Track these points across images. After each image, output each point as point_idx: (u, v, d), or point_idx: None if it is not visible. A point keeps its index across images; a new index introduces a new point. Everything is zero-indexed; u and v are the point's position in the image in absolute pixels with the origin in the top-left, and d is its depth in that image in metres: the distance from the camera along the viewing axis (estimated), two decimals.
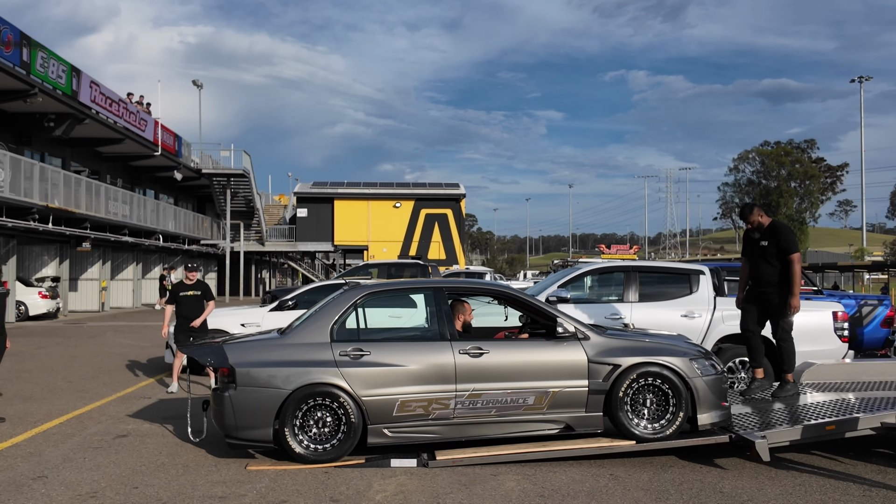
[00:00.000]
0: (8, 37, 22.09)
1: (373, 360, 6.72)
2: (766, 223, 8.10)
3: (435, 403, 6.70)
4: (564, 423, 6.86)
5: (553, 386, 6.79)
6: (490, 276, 32.73)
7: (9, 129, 27.60)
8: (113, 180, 36.16)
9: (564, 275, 10.58)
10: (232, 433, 6.64)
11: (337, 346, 6.77)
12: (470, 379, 6.75)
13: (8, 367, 13.49)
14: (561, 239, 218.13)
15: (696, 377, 6.84)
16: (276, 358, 6.70)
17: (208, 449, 7.25)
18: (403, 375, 6.70)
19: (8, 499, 5.70)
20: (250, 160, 46.62)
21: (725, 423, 6.98)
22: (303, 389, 6.57)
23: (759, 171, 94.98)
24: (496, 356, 6.83)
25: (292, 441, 6.56)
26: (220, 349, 6.79)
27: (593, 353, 6.87)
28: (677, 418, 6.80)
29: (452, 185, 57.58)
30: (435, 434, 6.77)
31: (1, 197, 22.40)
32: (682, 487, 6.04)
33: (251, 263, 55.24)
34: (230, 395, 6.58)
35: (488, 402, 6.75)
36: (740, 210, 8.37)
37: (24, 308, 26.32)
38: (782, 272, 7.89)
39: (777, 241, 7.90)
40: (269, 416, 6.54)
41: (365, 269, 22.73)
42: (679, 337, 7.62)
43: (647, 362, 6.84)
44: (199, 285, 11.27)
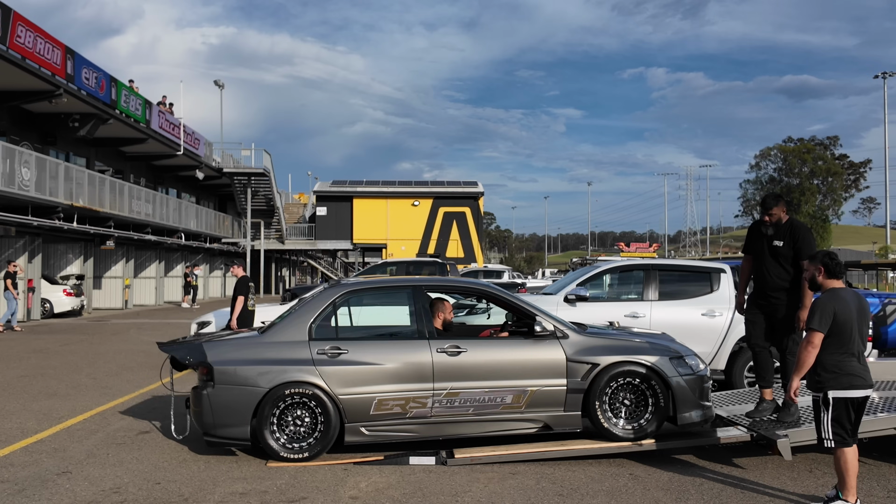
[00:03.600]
0: (102, 82, 28.00)
1: (350, 359, 6.73)
2: (784, 220, 7.18)
3: (412, 402, 6.70)
4: (543, 423, 6.83)
5: (531, 385, 6.77)
6: (508, 274, 32.71)
7: (35, 129, 27.98)
8: (136, 179, 36.54)
9: (583, 273, 10.56)
10: (210, 431, 6.69)
11: (315, 345, 6.79)
12: (447, 378, 6.74)
13: (33, 364, 13.70)
14: (579, 237, 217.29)
15: (676, 376, 6.78)
16: (254, 356, 6.74)
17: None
18: (381, 374, 6.70)
19: (33, 493, 5.79)
20: (271, 159, 46.97)
21: (707, 422, 6.94)
22: (280, 388, 6.59)
23: (780, 169, 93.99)
24: (474, 355, 6.81)
25: (269, 439, 6.58)
26: (199, 347, 6.84)
27: (572, 351, 6.84)
28: (656, 418, 6.75)
29: (471, 183, 57.57)
30: (412, 433, 6.77)
31: (27, 196, 22.70)
32: (702, 488, 6.01)
33: (271, 261, 55.63)
34: (208, 393, 6.63)
35: (466, 400, 6.74)
36: (762, 200, 7.29)
37: (49, 305, 26.68)
38: (794, 278, 6.99)
39: (794, 242, 7.00)
40: (247, 414, 6.58)
41: (383, 267, 22.79)
42: (663, 336, 7.54)
43: (625, 361, 6.79)
44: (238, 280, 12.27)
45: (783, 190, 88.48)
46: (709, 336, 9.52)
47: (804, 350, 5.31)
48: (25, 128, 27.45)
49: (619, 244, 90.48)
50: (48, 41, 23.89)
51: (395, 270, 21.39)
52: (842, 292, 5.40)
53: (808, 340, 5.30)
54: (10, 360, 14.29)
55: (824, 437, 5.31)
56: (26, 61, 22.78)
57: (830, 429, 5.28)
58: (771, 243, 7.11)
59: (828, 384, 5.29)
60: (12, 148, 22.34)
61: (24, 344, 17.56)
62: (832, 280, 5.49)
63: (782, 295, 7.04)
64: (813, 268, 5.56)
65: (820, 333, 5.26)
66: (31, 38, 22.66)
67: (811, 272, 5.58)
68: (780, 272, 7.06)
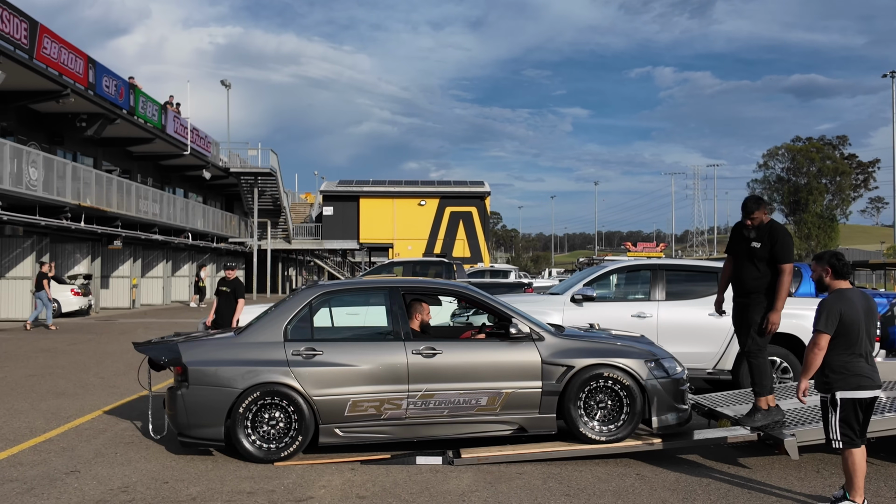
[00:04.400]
0: (122, 89, 29.12)
1: (325, 360, 6.74)
2: (765, 222, 6.97)
3: (387, 404, 6.70)
4: (518, 425, 6.83)
5: (506, 387, 6.76)
6: (514, 273, 32.69)
7: (42, 129, 28.09)
8: (143, 179, 36.66)
9: (590, 273, 10.54)
10: (184, 431, 6.71)
11: (290, 346, 6.80)
12: (422, 379, 6.74)
13: (41, 363, 13.76)
14: (586, 237, 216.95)
15: (651, 379, 6.77)
16: (229, 357, 6.76)
17: None
18: (355, 375, 6.71)
19: (42, 492, 5.82)
20: (277, 159, 47.03)
21: (683, 425, 6.93)
22: (254, 388, 6.61)
23: (788, 168, 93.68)
24: (449, 356, 6.81)
25: (243, 439, 6.60)
26: (174, 348, 6.86)
27: (547, 353, 6.83)
28: (631, 421, 6.74)
29: (477, 182, 57.58)
30: (387, 434, 6.77)
31: (35, 196, 22.80)
32: (709, 488, 6.00)
33: (278, 261, 55.72)
34: (182, 393, 6.66)
35: (441, 402, 6.74)
36: (744, 202, 7.04)
37: (56, 305, 26.77)
38: (770, 281, 6.81)
39: (772, 245, 6.81)
40: (221, 415, 6.59)
41: (389, 267, 22.82)
42: (641, 339, 7.52)
43: (600, 364, 6.78)
44: (231, 283, 12.05)
45: (791, 189, 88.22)
46: (716, 336, 9.49)
47: (811, 352, 5.30)
48: (33, 128, 27.56)
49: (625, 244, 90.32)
50: (71, 51, 25.03)
51: (401, 270, 21.42)
52: (849, 293, 5.39)
53: (815, 342, 5.28)
54: (18, 360, 14.36)
55: (832, 438, 5.30)
56: (49, 69, 23.61)
57: (838, 429, 5.26)
58: (749, 245, 6.95)
59: (836, 385, 5.28)
60: (20, 148, 22.44)
61: (32, 343, 17.64)
62: (839, 281, 5.47)
63: (756, 297, 6.87)
64: (820, 268, 5.54)
65: (826, 335, 5.25)
66: (55, 48, 23.89)
67: (818, 273, 5.56)
68: (755, 273, 6.88)
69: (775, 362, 9.42)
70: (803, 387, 5.42)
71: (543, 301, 10.33)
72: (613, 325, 9.61)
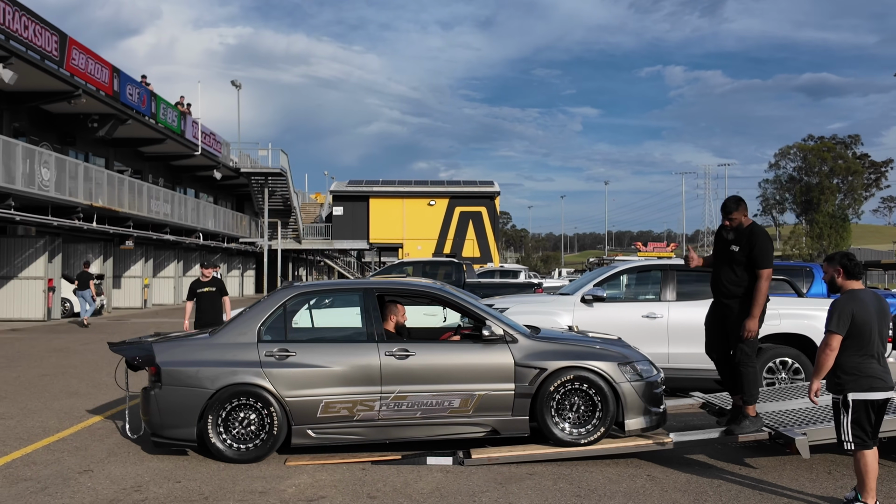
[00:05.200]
0: (144, 97, 30.40)
1: (298, 361, 6.76)
2: (746, 224, 6.76)
3: (360, 405, 6.71)
4: (491, 427, 6.83)
5: (479, 389, 6.76)
6: (524, 273, 32.67)
7: (54, 129, 28.28)
8: (155, 179, 36.86)
9: (600, 273, 10.54)
10: (158, 431, 6.74)
11: (263, 347, 6.82)
12: (395, 381, 6.75)
13: (54, 363, 13.86)
14: (596, 236, 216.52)
15: (624, 382, 6.76)
16: (202, 357, 6.79)
17: None
18: (328, 376, 6.73)
19: (55, 491, 5.87)
20: (287, 159, 47.19)
21: (656, 428, 6.93)
22: (227, 389, 6.64)
23: (800, 167, 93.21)
24: (422, 358, 6.82)
25: (216, 440, 6.62)
26: (148, 348, 6.90)
27: (520, 356, 6.83)
28: (604, 423, 6.73)
29: (487, 182, 57.56)
30: (360, 436, 6.78)
31: (47, 196, 22.96)
32: (720, 489, 5.99)
33: (288, 261, 55.91)
34: (155, 393, 6.69)
35: (413, 404, 6.75)
36: (723, 203, 6.85)
37: (69, 305, 26.96)
38: (748, 287, 6.61)
39: (750, 248, 6.58)
40: (194, 416, 6.62)
41: (399, 267, 22.85)
42: (617, 342, 7.50)
43: (573, 366, 6.78)
44: (215, 282, 11.74)
45: (802, 189, 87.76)
46: None
47: (822, 353, 5.28)
48: (45, 128, 27.76)
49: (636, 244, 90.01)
50: (98, 62, 26.42)
51: (412, 270, 21.44)
52: (860, 294, 5.36)
53: (826, 343, 5.26)
54: (31, 359, 14.47)
55: (844, 440, 5.28)
56: (74, 78, 24.45)
57: (850, 431, 5.24)
58: (728, 247, 6.77)
59: (847, 386, 5.26)
60: (32, 148, 22.61)
61: (45, 343, 17.77)
62: (851, 281, 5.45)
63: (734, 302, 6.70)
64: (832, 269, 5.51)
65: (838, 336, 5.23)
66: (83, 59, 25.30)
67: (830, 273, 5.54)
68: (733, 278, 6.70)
69: (787, 363, 9.39)
70: (815, 388, 5.40)
71: (553, 301, 10.33)
72: (624, 325, 9.61)
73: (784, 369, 9.38)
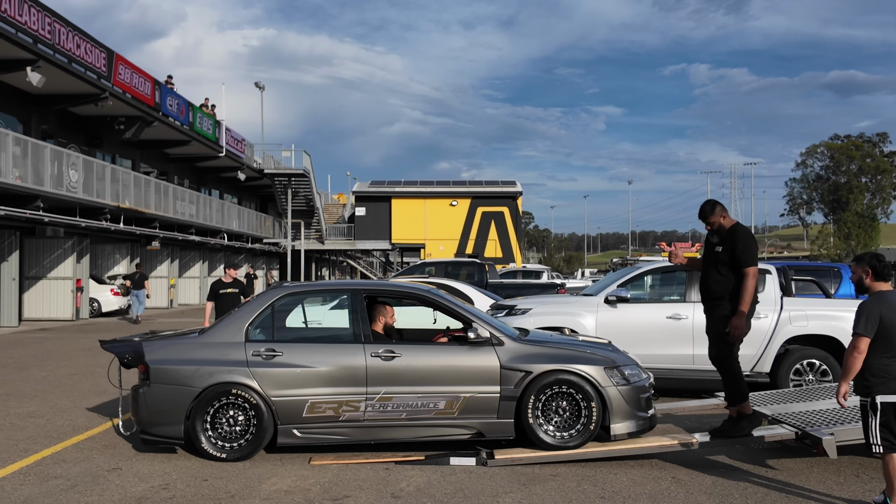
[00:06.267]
0: (182, 107, 32.20)
1: (284, 361, 6.80)
2: (727, 226, 6.78)
3: (345, 406, 6.74)
4: (476, 429, 6.82)
5: (464, 391, 6.76)
6: (547, 274, 32.58)
7: (81, 131, 28.69)
8: (180, 181, 37.25)
9: (624, 274, 10.48)
10: (146, 429, 6.82)
11: (250, 346, 6.88)
12: (381, 382, 6.76)
13: (83, 363, 14.07)
14: (620, 236, 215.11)
15: (610, 386, 6.72)
16: (190, 356, 6.86)
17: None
18: (314, 377, 6.76)
19: (85, 489, 5.97)
20: (310, 160, 47.47)
21: (644, 432, 6.89)
22: (214, 388, 6.70)
23: (827, 166, 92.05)
24: (408, 360, 6.83)
25: (202, 438, 6.68)
26: (138, 346, 6.97)
27: (506, 358, 6.81)
28: (589, 427, 6.70)
29: (509, 182, 57.46)
30: (345, 436, 6.80)
31: (75, 198, 23.29)
32: (746, 492, 5.94)
33: (311, 261, 56.23)
34: (144, 391, 6.77)
35: (399, 405, 6.76)
36: (700, 209, 6.91)
37: (97, 305, 27.35)
38: (735, 286, 6.58)
39: (733, 248, 6.58)
40: (181, 414, 6.69)
41: (422, 267, 22.90)
42: (606, 346, 7.46)
43: (558, 370, 6.74)
44: (237, 283, 11.80)
45: (830, 188, 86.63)
46: (753, 338, 9.35)
47: (850, 355, 5.22)
48: (72, 130, 28.17)
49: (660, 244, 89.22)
50: (141, 76, 28.21)
51: (434, 270, 21.48)
52: (889, 295, 5.29)
53: (854, 345, 5.20)
54: (60, 359, 14.70)
55: (872, 443, 5.21)
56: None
57: (878, 434, 5.17)
58: (713, 249, 6.80)
59: (876, 389, 5.19)
60: (60, 150, 22.97)
61: (74, 343, 18.03)
62: (880, 283, 5.37)
63: (720, 304, 6.68)
64: (860, 270, 5.44)
65: (866, 338, 5.16)
66: (128, 74, 27.17)
67: (858, 274, 5.47)
68: (718, 278, 6.69)
69: (814, 364, 9.29)
70: (843, 390, 5.34)
71: (577, 302, 10.30)
72: (648, 326, 9.56)
73: (811, 371, 9.28)
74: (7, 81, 23.14)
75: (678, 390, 9.74)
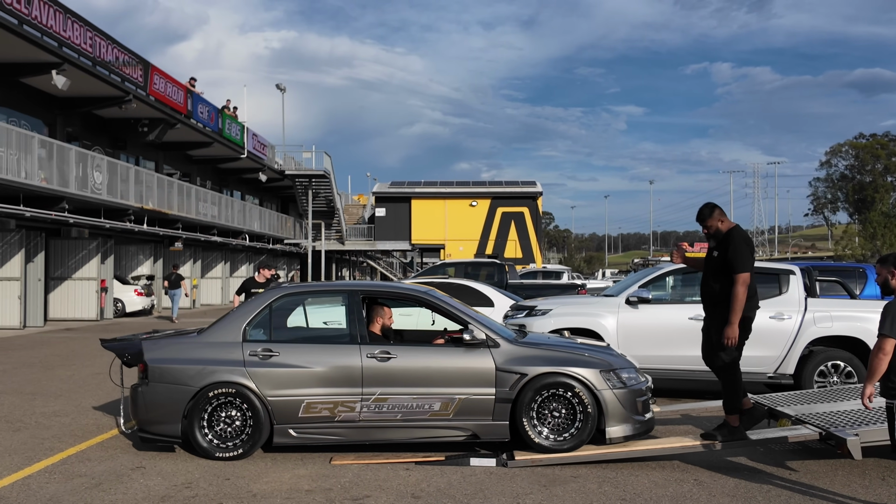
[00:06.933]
0: (212, 115, 33.60)
1: (281, 361, 6.84)
2: (724, 229, 6.60)
3: (341, 406, 6.76)
4: (471, 431, 6.80)
5: (460, 393, 6.76)
6: (567, 274, 32.47)
7: (105, 134, 29.05)
8: (202, 182, 37.59)
9: (646, 274, 10.42)
10: (144, 427, 6.90)
11: (248, 346, 6.92)
12: (376, 383, 6.78)
13: (106, 362, 14.19)
14: (641, 237, 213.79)
15: (606, 389, 6.68)
16: (188, 356, 6.92)
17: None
18: (310, 377, 6.79)
19: (109, 487, 6.03)
20: (331, 161, 47.66)
21: (641, 436, 6.83)
22: (210, 387, 6.75)
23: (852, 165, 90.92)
24: (404, 361, 6.84)
25: (199, 437, 6.73)
26: (137, 345, 7.04)
27: (502, 360, 6.80)
28: (584, 430, 6.66)
29: (529, 183, 57.32)
30: (340, 437, 6.82)
31: (99, 199, 23.58)
32: (769, 494, 5.88)
33: (332, 262, 56.46)
34: (142, 390, 6.85)
35: (394, 406, 6.77)
36: (698, 211, 6.77)
37: (121, 305, 27.65)
38: (728, 292, 6.41)
39: (725, 253, 6.44)
40: (178, 412, 6.75)
41: (442, 268, 22.91)
42: (605, 349, 7.40)
43: (553, 372, 6.72)
44: (268, 284, 11.86)
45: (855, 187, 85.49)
46: (777, 339, 9.29)
47: (875, 357, 5.15)
48: (97, 133, 28.52)
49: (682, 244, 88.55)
50: (174, 85, 29.59)
51: (454, 271, 21.48)
52: None
53: (880, 347, 5.13)
54: (85, 358, 14.88)
55: None
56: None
57: None
58: (711, 254, 6.68)
59: None
60: (85, 152, 23.26)
61: (98, 343, 18.21)
62: None
63: (715, 311, 6.57)
64: (885, 271, 5.37)
65: (892, 339, 5.08)
66: (162, 83, 28.52)
67: (883, 275, 5.39)
68: (713, 285, 6.58)
69: (839, 366, 9.18)
70: (868, 392, 5.26)
71: (597, 303, 10.25)
72: (670, 327, 9.49)
73: (836, 373, 9.17)
74: (33, 84, 23.49)
75: (700, 392, 9.66)
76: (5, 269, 21.38)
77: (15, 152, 19.45)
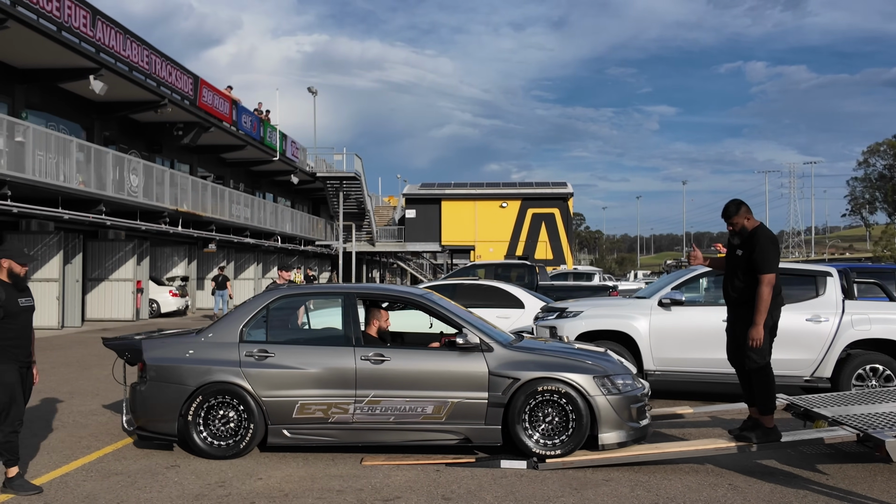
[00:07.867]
0: (254, 124, 34.93)
1: (276, 362, 6.89)
2: (750, 228, 6.41)
3: (334, 408, 6.79)
4: (463, 435, 6.78)
5: (452, 396, 6.74)
6: (599, 276, 32.24)
7: (141, 137, 29.54)
8: (235, 185, 38.04)
9: (679, 276, 10.30)
10: (142, 425, 7.00)
11: (244, 347, 6.99)
12: (370, 385, 6.79)
13: None
14: (674, 238, 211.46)
15: (599, 395, 6.61)
16: (186, 355, 7.00)
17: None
18: (304, 378, 6.83)
19: (144, 485, 6.12)
20: (361, 163, 47.90)
21: (637, 443, 6.74)
22: (207, 387, 6.83)
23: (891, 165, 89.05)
24: (397, 363, 6.85)
25: (195, 436, 6.81)
26: (137, 344, 7.13)
27: (495, 365, 6.77)
28: (576, 436, 6.60)
29: (559, 184, 57.02)
30: (333, 438, 6.85)
31: (136, 202, 23.98)
32: (805, 500, 5.77)
33: (362, 263, 56.73)
34: (141, 389, 6.94)
35: (387, 408, 6.77)
36: (724, 208, 6.57)
37: (156, 306, 28.09)
38: (752, 292, 6.26)
39: (751, 252, 6.26)
40: (175, 411, 6.83)
41: (472, 269, 22.88)
42: (602, 354, 7.28)
43: (546, 377, 6.67)
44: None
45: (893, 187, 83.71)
46: (813, 342, 9.13)
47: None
48: (133, 136, 29.02)
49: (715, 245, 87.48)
50: (221, 97, 31.04)
51: (484, 273, 21.43)
52: None
53: None
54: None
55: None
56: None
57: None
58: (734, 252, 6.52)
59: None
60: (121, 156, 23.68)
61: None
62: None
63: (740, 311, 6.43)
64: None
65: None
66: (210, 96, 29.96)
67: None
68: (738, 284, 6.41)
69: (877, 369, 8.99)
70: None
71: (629, 305, 10.17)
72: (704, 330, 9.37)
73: (874, 376, 8.99)
74: (71, 90, 23.98)
75: (733, 395, 9.51)
76: (44, 271, 21.82)
77: (54, 156, 19.88)
